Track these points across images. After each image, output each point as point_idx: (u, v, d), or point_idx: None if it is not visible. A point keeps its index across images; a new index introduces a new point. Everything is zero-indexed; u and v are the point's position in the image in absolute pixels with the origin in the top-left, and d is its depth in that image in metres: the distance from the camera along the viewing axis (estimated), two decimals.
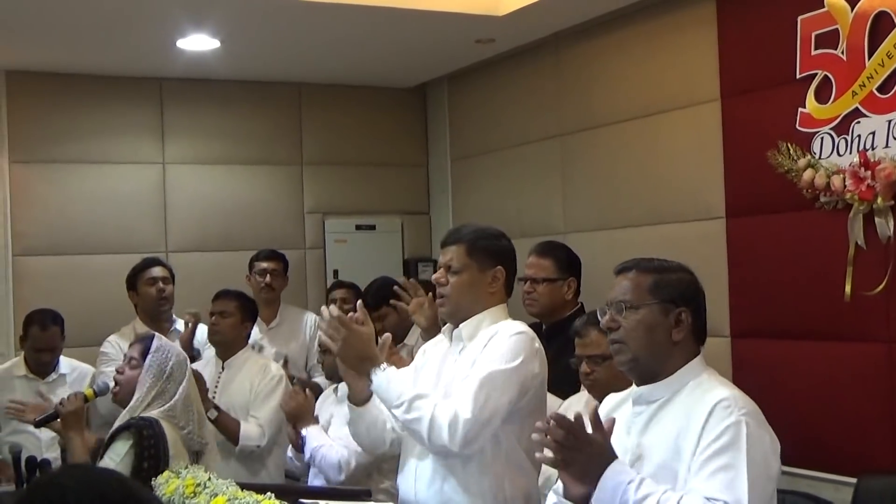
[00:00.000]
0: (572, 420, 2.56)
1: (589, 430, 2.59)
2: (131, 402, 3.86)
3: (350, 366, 3.33)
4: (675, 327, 2.73)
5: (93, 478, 1.68)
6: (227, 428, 4.76)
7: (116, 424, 3.87)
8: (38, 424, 4.44)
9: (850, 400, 4.34)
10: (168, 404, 3.82)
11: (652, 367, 2.76)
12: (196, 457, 3.84)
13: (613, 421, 2.68)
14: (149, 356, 3.90)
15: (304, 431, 4.33)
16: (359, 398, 3.40)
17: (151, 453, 3.62)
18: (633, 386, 2.85)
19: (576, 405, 3.98)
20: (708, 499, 2.48)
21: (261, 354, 5.37)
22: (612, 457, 2.57)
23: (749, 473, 2.51)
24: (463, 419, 3.13)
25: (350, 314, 3.32)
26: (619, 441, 2.74)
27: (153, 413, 3.79)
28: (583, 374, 3.83)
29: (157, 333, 4.24)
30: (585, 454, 2.55)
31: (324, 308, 3.35)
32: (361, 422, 3.46)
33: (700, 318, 2.78)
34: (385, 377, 3.23)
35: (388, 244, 7.32)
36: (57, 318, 5.54)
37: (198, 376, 4.64)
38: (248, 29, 5.71)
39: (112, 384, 4.08)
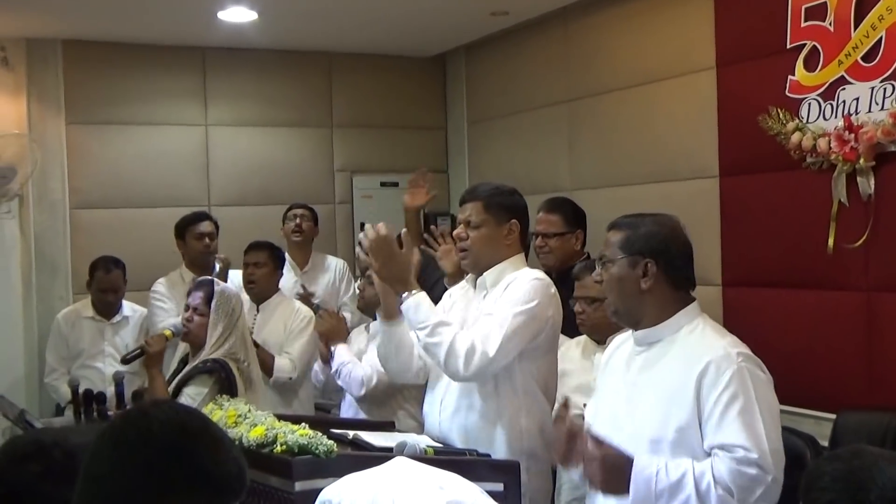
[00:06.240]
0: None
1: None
2: (207, 346, 3.91)
3: (385, 285, 3.31)
4: (643, 277, 2.69)
5: (177, 411, 1.69)
6: (263, 362, 4.76)
7: (189, 366, 3.90)
8: (124, 361, 4.47)
9: (831, 343, 4.32)
10: (230, 341, 3.89)
11: (631, 315, 2.75)
12: (249, 384, 3.86)
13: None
14: (214, 301, 3.94)
15: (333, 347, 4.30)
16: (390, 311, 3.38)
17: (227, 394, 3.65)
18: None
19: (572, 350, 3.98)
20: (729, 449, 2.48)
21: (291, 298, 5.35)
22: (629, 459, 2.54)
23: (762, 414, 2.51)
24: (479, 351, 3.14)
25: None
26: (619, 374, 2.78)
27: (220, 353, 3.84)
28: (577, 313, 3.87)
29: (214, 279, 4.27)
30: (605, 469, 2.53)
31: (369, 226, 3.27)
32: (391, 340, 3.44)
33: (675, 268, 2.72)
34: (415, 300, 3.21)
35: None
36: (119, 263, 5.62)
37: None
38: (284, 2, 5.66)
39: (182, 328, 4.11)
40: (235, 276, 5.67)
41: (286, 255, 5.47)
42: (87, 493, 1.60)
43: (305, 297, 5.46)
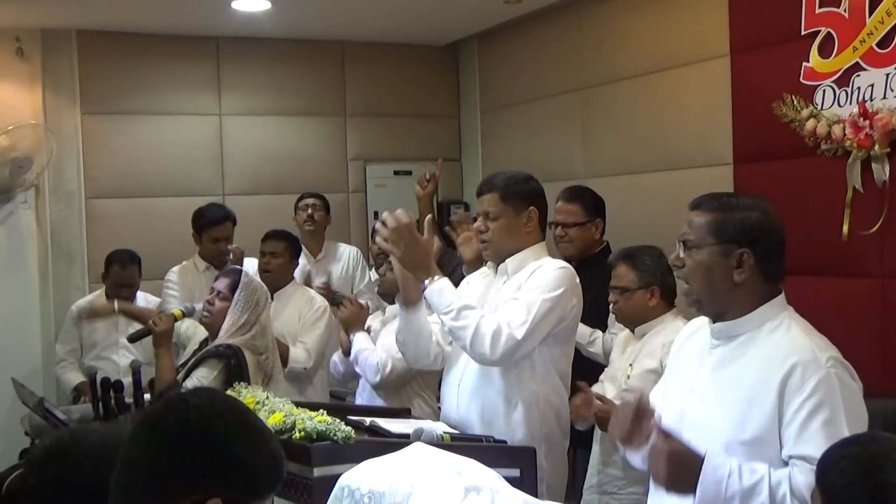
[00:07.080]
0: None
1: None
2: (222, 331, 3.92)
3: (406, 271, 3.31)
4: (737, 269, 2.42)
5: (216, 400, 1.66)
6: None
7: (203, 350, 3.92)
8: (131, 339, 4.49)
9: (846, 330, 4.27)
10: (250, 332, 3.88)
11: (715, 307, 2.49)
12: (266, 379, 3.87)
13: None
14: (238, 291, 3.94)
15: (352, 336, 4.33)
16: (410, 299, 3.39)
17: (237, 380, 3.66)
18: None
19: (618, 338, 4.01)
20: (810, 461, 2.20)
21: (306, 287, 5.36)
22: (699, 457, 2.30)
23: (849, 426, 2.28)
24: (506, 334, 3.15)
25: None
26: (691, 367, 2.58)
27: (236, 341, 3.83)
28: (612, 303, 3.88)
29: (244, 269, 4.27)
30: (672, 465, 2.29)
31: (387, 213, 3.24)
32: (410, 327, 3.44)
33: (770, 258, 2.46)
34: (439, 285, 3.21)
35: None
36: (135, 258, 5.62)
37: None
38: None
39: (199, 308, 4.12)
40: (250, 265, 5.69)
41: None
42: (123, 476, 1.60)
43: (327, 291, 5.49)
